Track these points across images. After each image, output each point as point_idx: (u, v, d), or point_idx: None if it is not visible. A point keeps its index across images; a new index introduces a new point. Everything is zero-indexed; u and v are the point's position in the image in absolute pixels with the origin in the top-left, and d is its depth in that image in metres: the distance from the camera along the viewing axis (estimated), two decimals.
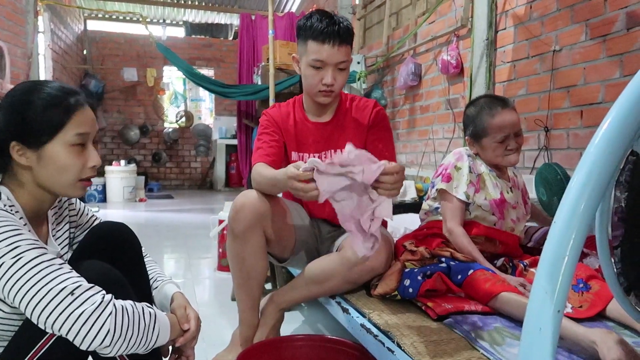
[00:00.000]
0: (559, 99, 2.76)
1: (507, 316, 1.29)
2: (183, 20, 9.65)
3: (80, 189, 1.07)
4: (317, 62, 1.55)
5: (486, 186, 1.70)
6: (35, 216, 1.07)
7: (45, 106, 1.00)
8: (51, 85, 1.05)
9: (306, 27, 1.57)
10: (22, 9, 4.90)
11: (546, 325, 0.66)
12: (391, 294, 1.43)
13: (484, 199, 1.68)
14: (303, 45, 1.59)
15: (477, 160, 1.74)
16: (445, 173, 1.71)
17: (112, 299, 0.93)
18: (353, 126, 1.69)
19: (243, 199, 1.48)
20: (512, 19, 3.15)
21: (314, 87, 1.59)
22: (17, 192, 1.03)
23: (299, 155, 1.68)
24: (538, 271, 0.68)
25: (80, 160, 1.04)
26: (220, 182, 8.80)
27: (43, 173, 1.02)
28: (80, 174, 1.05)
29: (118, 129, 8.67)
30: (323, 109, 1.70)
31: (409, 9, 4.56)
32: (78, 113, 1.03)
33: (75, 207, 1.25)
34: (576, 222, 0.66)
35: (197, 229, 4.47)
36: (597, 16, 2.51)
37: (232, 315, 1.98)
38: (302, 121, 1.70)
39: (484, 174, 1.72)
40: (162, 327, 1.03)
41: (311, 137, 1.69)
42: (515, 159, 1.69)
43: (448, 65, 3.70)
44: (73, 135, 1.02)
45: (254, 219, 1.46)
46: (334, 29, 1.52)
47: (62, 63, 6.64)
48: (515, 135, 1.67)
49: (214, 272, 2.93)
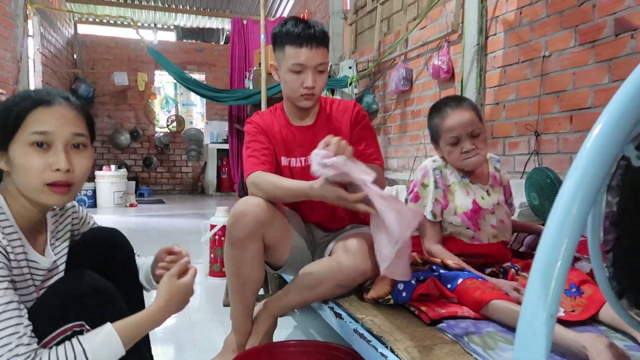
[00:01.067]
0: (549, 103, 2.79)
1: None
2: (174, 25, 9.64)
3: (51, 195, 0.98)
4: (296, 67, 1.56)
5: (455, 198, 1.63)
6: (29, 224, 1.04)
7: (9, 105, 0.98)
8: (39, 90, 1.03)
9: (282, 33, 1.58)
10: (11, 12, 4.86)
11: (539, 329, 0.66)
12: (384, 298, 1.43)
13: (453, 214, 1.62)
14: (281, 52, 1.60)
15: (447, 169, 1.68)
16: (414, 192, 1.68)
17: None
18: (335, 128, 1.69)
19: (244, 206, 1.46)
20: (502, 24, 3.18)
21: (295, 91, 1.60)
22: (9, 200, 1.00)
23: (288, 160, 1.68)
24: (531, 276, 0.68)
25: (40, 162, 0.96)
26: (211, 187, 8.77)
27: (15, 177, 0.98)
28: (43, 176, 0.96)
29: (108, 134, 8.62)
30: (305, 113, 1.70)
31: (400, 14, 4.59)
32: (39, 110, 0.97)
33: (78, 214, 1.22)
34: (568, 226, 0.66)
35: (189, 234, 4.44)
36: (586, 22, 2.54)
37: (225, 321, 1.97)
38: (287, 126, 1.70)
39: (454, 183, 1.65)
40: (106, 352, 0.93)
41: (297, 141, 1.69)
42: (475, 161, 1.59)
43: (439, 71, 3.73)
44: (30, 133, 0.96)
45: (254, 227, 1.45)
46: (309, 32, 1.55)
47: (51, 67, 6.59)
48: (470, 136, 1.58)
49: (206, 277, 2.92)
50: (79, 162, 1.01)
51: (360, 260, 1.46)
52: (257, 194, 1.52)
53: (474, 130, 1.58)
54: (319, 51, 1.57)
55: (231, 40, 6.31)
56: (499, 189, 1.72)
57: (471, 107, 1.62)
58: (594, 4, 2.48)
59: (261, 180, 1.53)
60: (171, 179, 9.24)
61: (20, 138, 0.96)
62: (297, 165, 1.69)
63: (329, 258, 1.56)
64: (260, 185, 1.52)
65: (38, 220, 1.07)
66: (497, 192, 1.69)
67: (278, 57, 1.62)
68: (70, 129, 1.00)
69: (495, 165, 1.75)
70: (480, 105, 3.34)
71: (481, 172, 1.71)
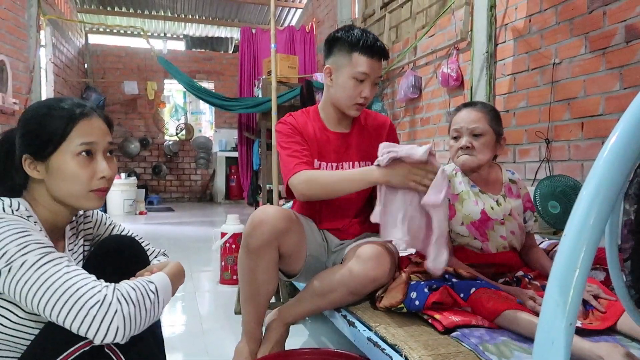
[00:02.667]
0: (560, 111, 2.78)
1: None
2: (184, 34, 9.73)
3: (94, 200, 1.07)
4: (362, 75, 1.59)
5: (463, 208, 1.62)
6: (52, 231, 1.08)
7: (50, 117, 1.03)
8: (57, 99, 1.08)
9: (351, 39, 1.60)
10: (24, 23, 4.94)
11: (558, 338, 0.66)
12: (397, 306, 1.42)
13: (460, 225, 1.61)
14: (345, 57, 1.61)
15: (457, 178, 1.67)
16: None
17: (114, 293, 0.93)
18: (370, 139, 1.72)
19: (262, 215, 1.47)
20: (512, 32, 3.18)
21: (352, 99, 1.62)
22: (35, 207, 1.04)
23: (319, 164, 1.69)
24: (549, 284, 0.68)
25: (87, 171, 1.04)
26: (220, 195, 8.80)
27: (54, 185, 1.03)
28: (90, 184, 1.05)
29: (118, 142, 8.69)
30: (342, 121, 1.72)
31: (409, 22, 4.61)
32: (83, 122, 1.04)
33: (91, 219, 1.25)
34: (586, 234, 0.66)
35: (198, 242, 4.46)
36: (596, 29, 2.54)
37: (236, 329, 1.97)
38: (322, 130, 1.72)
39: (463, 192, 1.64)
40: (166, 293, 1.03)
41: (331, 146, 1.70)
42: (467, 160, 1.60)
43: (448, 78, 3.73)
44: (78, 144, 1.03)
45: (271, 236, 1.46)
46: (380, 45, 1.60)
47: (63, 77, 6.68)
48: (471, 135, 1.59)
49: (216, 285, 2.92)
50: (112, 168, 1.10)
51: (372, 267, 1.46)
52: (309, 192, 1.56)
53: (476, 128, 1.59)
54: (380, 63, 1.62)
55: (240, 49, 6.35)
56: (512, 200, 1.67)
57: (484, 109, 1.63)
58: (604, 11, 2.48)
59: (316, 176, 1.57)
60: (180, 187, 9.29)
61: (67, 148, 1.02)
62: (328, 169, 1.70)
63: (341, 265, 1.56)
64: (315, 180, 1.55)
65: (62, 227, 1.12)
66: (509, 203, 1.65)
67: (339, 62, 1.63)
68: (107, 138, 1.09)
69: (510, 177, 1.71)
70: None
71: (493, 181, 1.69)
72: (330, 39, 1.67)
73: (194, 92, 5.72)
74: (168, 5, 8.39)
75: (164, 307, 1.03)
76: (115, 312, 0.90)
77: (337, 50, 1.63)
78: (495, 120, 1.63)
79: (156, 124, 8.88)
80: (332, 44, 1.66)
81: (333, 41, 1.65)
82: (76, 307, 0.89)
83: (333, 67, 1.65)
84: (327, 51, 1.68)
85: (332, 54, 1.65)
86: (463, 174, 1.68)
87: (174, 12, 8.65)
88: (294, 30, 6.50)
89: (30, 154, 1.02)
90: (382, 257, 1.49)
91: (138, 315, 0.94)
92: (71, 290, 0.89)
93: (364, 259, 1.47)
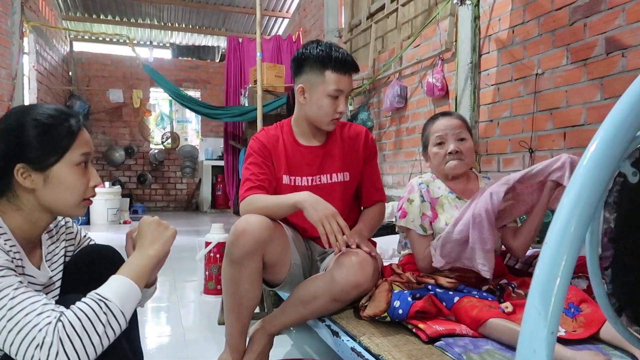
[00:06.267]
0: (543, 120, 2.81)
1: None
2: (170, 42, 9.70)
3: (83, 208, 1.09)
4: (337, 92, 1.59)
5: (444, 210, 1.63)
6: (27, 240, 1.05)
7: (50, 127, 1.01)
8: (48, 107, 1.05)
9: (322, 57, 1.58)
10: (7, 30, 4.88)
11: (540, 347, 0.65)
12: (381, 315, 1.41)
13: (444, 225, 1.61)
14: (317, 75, 1.60)
15: (435, 183, 1.69)
16: (402, 209, 1.67)
17: (55, 332, 0.88)
18: (344, 151, 1.72)
19: (245, 224, 1.45)
20: (495, 43, 3.22)
21: (328, 115, 1.63)
22: (10, 216, 1.01)
23: (291, 179, 1.68)
24: (530, 293, 0.68)
25: (84, 180, 1.07)
26: (206, 204, 8.74)
27: (48, 194, 1.02)
28: (85, 193, 1.07)
29: (103, 151, 8.60)
30: (316, 134, 1.71)
31: (394, 32, 4.64)
32: (81, 133, 1.06)
33: (72, 229, 1.24)
34: (567, 243, 0.66)
35: (183, 252, 4.40)
36: (577, 41, 2.58)
37: (219, 340, 1.94)
38: (293, 145, 1.71)
39: (442, 197, 1.66)
40: (128, 300, 0.98)
41: (304, 160, 1.69)
42: (457, 165, 1.62)
43: (433, 88, 3.76)
44: (78, 155, 1.05)
45: (254, 246, 1.45)
46: (350, 60, 1.60)
47: (46, 84, 6.60)
48: (456, 140, 1.62)
49: (200, 295, 2.89)
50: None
51: (354, 273, 1.44)
52: (249, 212, 1.54)
53: (460, 133, 1.63)
54: (351, 77, 1.64)
55: (227, 57, 6.36)
56: None
57: (461, 117, 1.70)
58: (585, 23, 2.53)
59: (253, 201, 1.57)
60: (166, 196, 9.20)
61: (69, 159, 1.03)
62: (304, 184, 1.68)
63: (323, 273, 1.55)
64: (252, 205, 1.57)
65: (37, 236, 1.09)
66: None
67: (311, 80, 1.62)
68: (92, 148, 1.11)
69: (486, 182, 1.74)
70: (475, 122, 3.37)
71: (470, 188, 1.71)
72: (298, 57, 1.65)
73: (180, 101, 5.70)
74: (155, 14, 8.37)
75: (129, 315, 0.98)
76: (57, 354, 0.87)
77: (308, 69, 1.62)
78: (469, 126, 1.71)
79: (142, 133, 8.80)
80: (301, 62, 1.64)
81: (302, 59, 1.63)
82: (20, 347, 0.86)
83: (306, 85, 1.64)
84: (297, 69, 1.66)
85: (303, 72, 1.64)
86: (440, 180, 1.70)
87: (161, 21, 8.63)
88: (280, 40, 6.52)
89: (27, 164, 0.99)
90: (365, 263, 1.48)
91: (88, 344, 0.90)
92: (14, 328, 0.87)
93: (347, 265, 1.46)
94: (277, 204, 1.53)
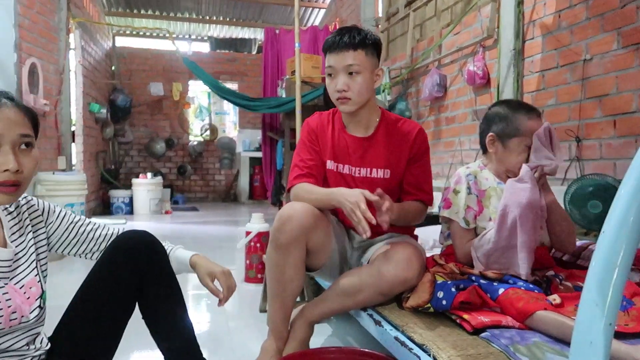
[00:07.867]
0: (591, 108, 2.71)
1: None
2: (208, 36, 9.84)
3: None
4: (330, 69, 1.62)
5: (490, 204, 1.60)
6: None
7: None
8: None
9: (325, 44, 1.64)
10: (54, 26, 5.05)
11: (597, 339, 0.64)
12: (424, 306, 1.40)
13: (487, 221, 1.59)
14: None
15: (483, 173, 1.66)
16: (446, 199, 1.65)
17: None
18: (389, 148, 1.68)
19: (290, 211, 1.48)
20: (540, 28, 3.12)
21: (332, 95, 1.64)
22: None
23: (335, 165, 1.69)
24: (587, 283, 0.66)
25: None
26: (244, 195, 8.87)
27: None
28: None
29: (144, 143, 8.84)
30: (360, 123, 1.70)
31: (433, 20, 4.56)
32: None
33: (37, 207, 1.18)
34: (625, 232, 0.64)
35: (222, 241, 4.50)
36: (629, 24, 2.46)
37: (261, 327, 1.97)
38: (340, 133, 1.71)
39: (490, 188, 1.62)
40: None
41: (349, 149, 1.69)
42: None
43: (474, 76, 3.68)
44: None
45: (299, 232, 1.47)
46: (341, 38, 1.59)
47: (91, 78, 6.81)
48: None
49: (241, 283, 2.94)
50: (27, 162, 1.01)
51: (402, 268, 1.45)
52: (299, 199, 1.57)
53: None
54: (348, 53, 1.58)
55: (264, 49, 6.39)
56: None
57: None
58: (638, 5, 2.41)
59: (301, 193, 1.60)
60: (205, 187, 9.39)
61: None
62: (347, 172, 1.69)
63: (369, 266, 1.56)
64: (299, 197, 1.59)
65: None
66: None
67: None
68: (17, 130, 0.99)
69: None
70: None
71: None
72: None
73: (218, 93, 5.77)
74: (193, 8, 8.49)
75: None
76: None
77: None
78: None
79: (181, 125, 8.99)
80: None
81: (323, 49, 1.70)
82: None
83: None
84: None
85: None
86: (489, 170, 1.66)
87: (199, 14, 8.75)
88: (317, 30, 6.50)
89: None
90: (413, 259, 1.48)
91: None
92: None
93: (395, 261, 1.47)
94: (319, 200, 1.54)
